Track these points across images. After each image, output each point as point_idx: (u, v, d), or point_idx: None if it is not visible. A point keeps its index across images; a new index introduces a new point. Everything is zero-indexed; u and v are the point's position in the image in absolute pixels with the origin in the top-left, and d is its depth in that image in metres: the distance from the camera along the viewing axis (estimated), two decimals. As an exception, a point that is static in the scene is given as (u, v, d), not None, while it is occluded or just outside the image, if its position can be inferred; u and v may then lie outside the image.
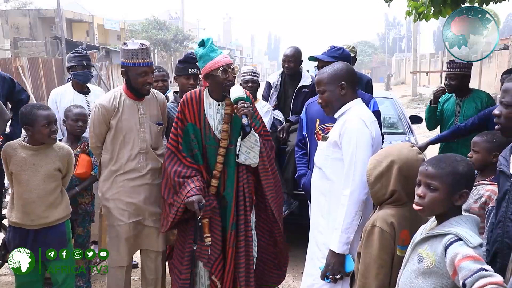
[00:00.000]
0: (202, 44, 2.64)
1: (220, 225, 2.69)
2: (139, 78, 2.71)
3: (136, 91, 2.78)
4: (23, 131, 2.77)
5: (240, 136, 2.61)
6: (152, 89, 2.88)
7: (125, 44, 2.74)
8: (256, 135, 2.66)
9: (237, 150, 2.62)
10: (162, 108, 2.97)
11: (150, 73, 2.74)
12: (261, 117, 2.83)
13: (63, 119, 3.31)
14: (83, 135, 3.31)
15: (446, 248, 1.54)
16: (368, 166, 2.03)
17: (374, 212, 2.05)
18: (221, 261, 2.70)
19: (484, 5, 4.69)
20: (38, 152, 2.64)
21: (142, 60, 2.68)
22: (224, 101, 2.65)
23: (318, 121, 2.81)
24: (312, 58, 3.06)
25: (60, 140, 3.10)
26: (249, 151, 2.63)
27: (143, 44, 2.73)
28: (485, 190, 2.39)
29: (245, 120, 2.48)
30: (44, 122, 2.58)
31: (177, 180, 2.61)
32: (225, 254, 2.71)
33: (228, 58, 2.63)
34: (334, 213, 2.33)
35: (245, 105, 2.49)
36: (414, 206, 1.67)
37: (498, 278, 1.39)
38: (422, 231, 1.74)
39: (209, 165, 2.70)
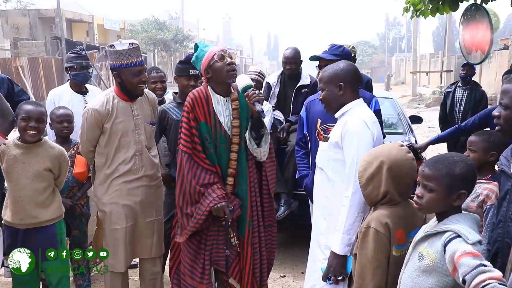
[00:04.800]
0: (196, 48, 2.62)
1: (236, 225, 2.64)
2: (134, 79, 2.65)
3: (130, 92, 2.72)
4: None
5: (250, 126, 2.56)
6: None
7: (112, 46, 2.66)
8: (266, 125, 2.62)
9: (251, 141, 2.56)
10: (154, 107, 2.95)
11: (144, 72, 2.70)
12: None
13: (49, 123, 3.19)
14: (73, 137, 3.28)
15: (445, 245, 1.56)
16: (359, 168, 2.03)
17: (369, 213, 2.05)
18: (238, 263, 2.65)
19: (484, 5, 4.70)
20: (29, 151, 2.61)
21: (135, 60, 2.63)
22: (230, 96, 2.58)
23: (319, 121, 2.79)
24: (313, 58, 3.02)
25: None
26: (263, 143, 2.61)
27: (132, 44, 2.66)
28: (482, 188, 2.40)
29: (259, 107, 2.42)
30: (23, 115, 2.53)
31: (198, 188, 2.49)
32: (242, 254, 2.65)
33: (222, 47, 2.59)
34: (335, 215, 2.31)
35: (256, 91, 2.45)
36: (414, 205, 1.72)
37: (498, 273, 1.41)
38: (423, 230, 1.74)
39: (220, 165, 2.61)
